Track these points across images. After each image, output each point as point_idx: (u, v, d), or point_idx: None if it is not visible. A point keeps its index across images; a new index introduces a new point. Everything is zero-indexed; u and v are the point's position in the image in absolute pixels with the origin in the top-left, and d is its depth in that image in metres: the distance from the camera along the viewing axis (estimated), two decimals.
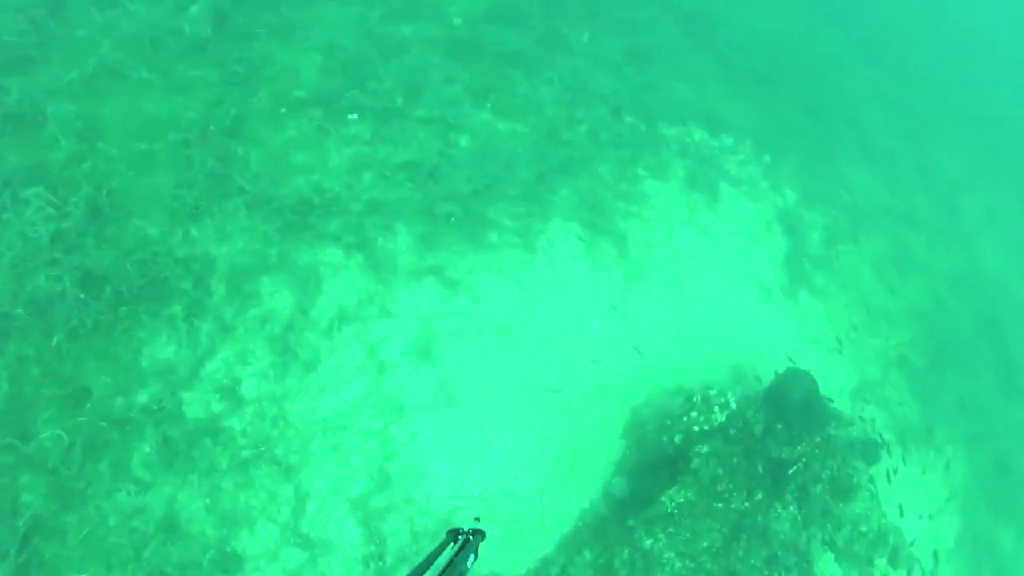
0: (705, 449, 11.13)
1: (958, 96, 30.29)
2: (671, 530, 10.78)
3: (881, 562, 12.64)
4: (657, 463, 11.93)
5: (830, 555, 12.14)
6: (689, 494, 10.86)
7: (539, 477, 11.25)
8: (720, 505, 10.90)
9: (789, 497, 11.78)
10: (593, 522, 11.64)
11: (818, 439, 12.51)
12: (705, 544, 10.91)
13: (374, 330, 10.80)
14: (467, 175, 12.58)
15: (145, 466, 9.28)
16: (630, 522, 11.11)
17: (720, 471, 11.03)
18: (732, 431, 11.77)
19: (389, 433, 10.59)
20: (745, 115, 19.11)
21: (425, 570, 3.00)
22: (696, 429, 11.60)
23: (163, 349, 9.82)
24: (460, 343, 11.44)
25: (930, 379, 17.85)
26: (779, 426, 12.25)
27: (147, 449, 9.31)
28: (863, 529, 12.48)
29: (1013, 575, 17.82)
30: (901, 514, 13.39)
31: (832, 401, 12.88)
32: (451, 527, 3.62)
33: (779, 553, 11.46)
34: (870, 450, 13.06)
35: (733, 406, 11.53)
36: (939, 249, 21.06)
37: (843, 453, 12.60)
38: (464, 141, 13.14)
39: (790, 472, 12.06)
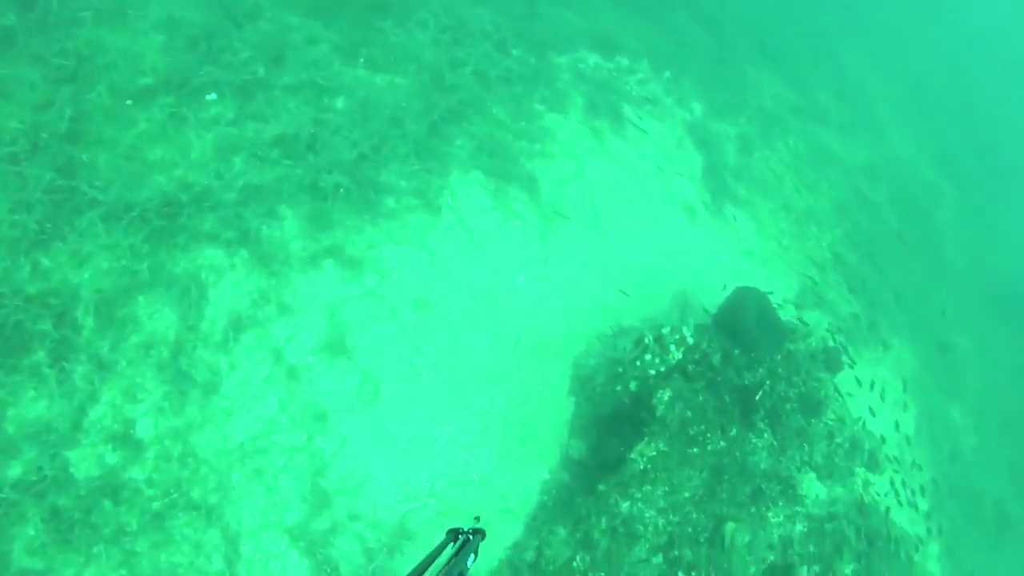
0: (668, 394, 10.52)
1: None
2: (648, 488, 10.17)
3: (861, 470, 12.53)
4: (616, 417, 11.29)
5: (812, 475, 11.91)
6: (660, 445, 10.24)
7: (490, 457, 10.50)
8: (696, 450, 10.36)
9: (761, 425, 11.40)
10: (559, 494, 10.93)
11: (778, 357, 12.20)
12: (687, 495, 10.39)
13: (276, 332, 9.55)
14: (349, 140, 11.26)
15: (32, 552, 7.77)
16: (600, 487, 10.43)
17: (689, 413, 10.46)
18: (691, 367, 11.22)
19: (315, 445, 9.43)
20: (637, 34, 18.45)
21: (425, 570, 2.97)
22: (652, 372, 10.95)
23: (31, 407, 8.22)
24: (375, 328, 10.31)
25: (865, 273, 18.13)
26: (736, 351, 11.81)
27: (31, 531, 7.79)
28: (838, 441, 12.34)
29: (965, 447, 18.39)
30: (873, 415, 13.34)
31: (780, 309, 12.52)
32: (450, 527, 3.64)
33: (763, 485, 11.10)
34: (831, 359, 12.88)
35: (690, 340, 10.93)
36: (851, 143, 21.27)
37: (806, 367, 12.34)
38: (340, 103, 11.76)
39: (757, 397, 11.66)
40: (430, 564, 3.06)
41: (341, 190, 10.66)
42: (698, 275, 14.55)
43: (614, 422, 11.27)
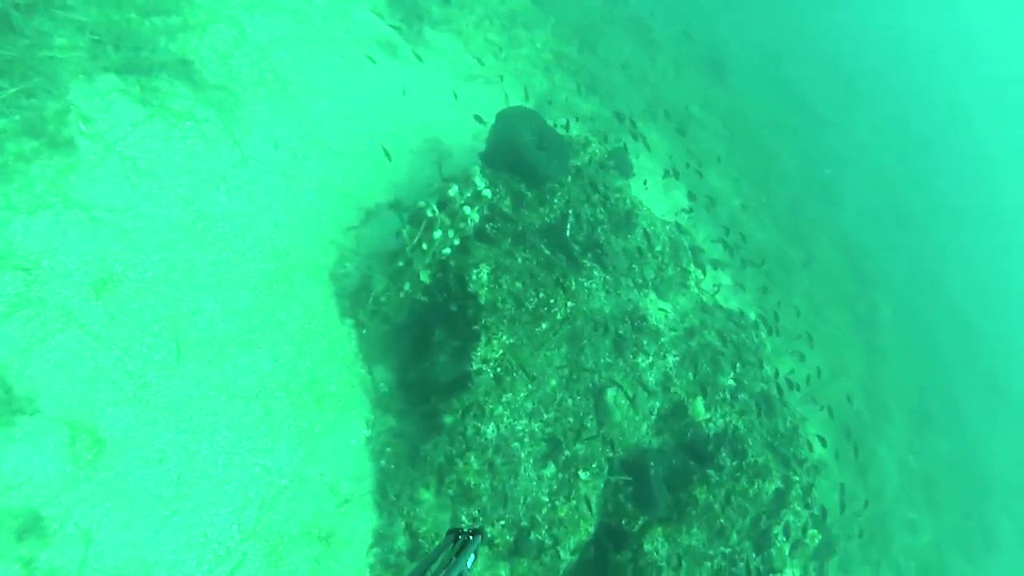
0: (484, 271, 8.78)
1: None
2: (508, 396, 8.61)
3: (692, 269, 12.18)
4: (420, 322, 9.47)
5: (652, 295, 11.22)
6: (504, 338, 8.62)
7: (289, 447, 8.63)
8: (545, 325, 8.91)
9: (587, 263, 10.30)
10: (396, 448, 9.16)
11: (569, 178, 10.99)
12: (553, 382, 8.99)
13: None
14: None
15: None
16: (447, 418, 8.58)
17: (519, 284, 8.93)
18: (488, 228, 9.53)
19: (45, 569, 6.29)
20: None
21: (424, 571, 3.16)
22: (448, 252, 9.07)
23: None
24: (53, 348, 7.06)
25: (587, 62, 17.69)
26: (523, 187, 10.39)
27: None
28: (659, 249, 11.75)
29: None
30: (691, 205, 12.97)
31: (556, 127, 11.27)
32: (450, 528, 3.73)
33: (618, 330, 10.10)
34: (621, 162, 12.10)
35: (487, 193, 9.16)
36: None
37: (601, 180, 11.31)
38: None
39: (568, 233, 10.44)
40: (430, 565, 3.22)
41: None
42: (432, 116, 12.77)
43: (421, 328, 9.51)
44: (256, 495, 7.92)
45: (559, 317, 9.12)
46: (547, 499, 9.04)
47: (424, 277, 9.41)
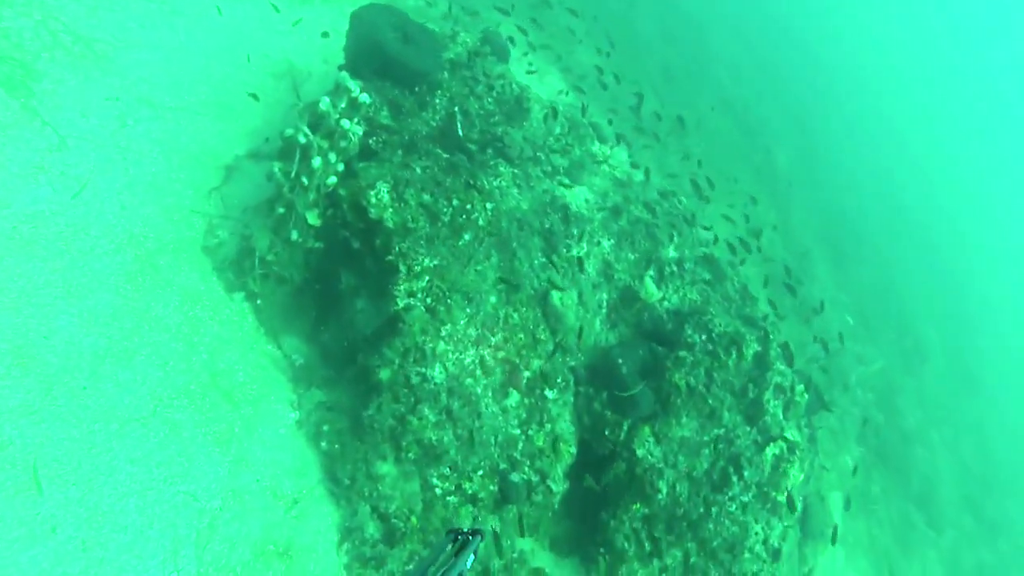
0: (384, 189, 7.44)
1: None
2: (447, 327, 7.38)
3: (598, 146, 11.24)
4: (320, 273, 8.30)
5: (565, 179, 10.09)
6: (424, 261, 7.31)
7: (216, 456, 7.38)
8: (468, 236, 7.73)
9: (491, 160, 9.06)
10: (333, 425, 8.08)
11: (445, 74, 9.65)
12: (492, 300, 7.92)
13: None
14: None
15: None
16: (382, 373, 7.32)
17: (426, 196, 7.65)
18: (372, 143, 8.13)
19: None
20: None
21: (424, 571, 3.20)
22: (332, 181, 7.65)
23: None
24: None
25: None
26: (399, 93, 8.99)
27: None
28: (559, 132, 10.71)
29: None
30: (567, 87, 11.84)
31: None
32: (450, 528, 3.75)
33: (544, 225, 9.02)
34: (497, 46, 10.78)
35: (365, 98, 7.70)
36: None
37: (481, 68, 10.06)
38: None
39: (460, 132, 9.16)
40: (430, 565, 3.25)
41: None
42: (271, 46, 11.08)
43: (324, 279, 8.39)
44: (188, 530, 6.46)
45: (481, 223, 7.86)
46: (519, 431, 7.95)
47: (312, 219, 7.92)
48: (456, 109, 9.61)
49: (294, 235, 8.00)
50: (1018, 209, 42.87)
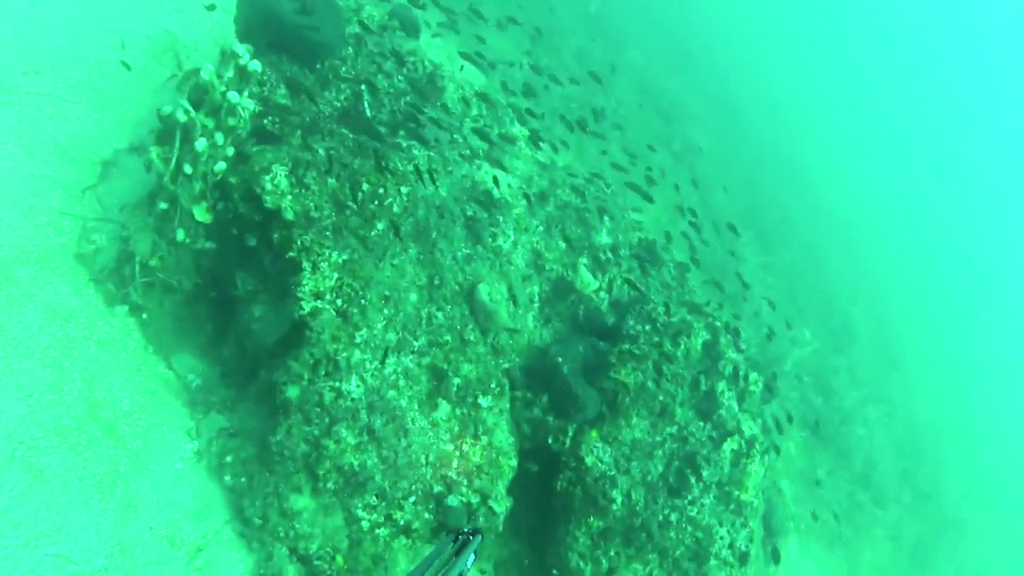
0: (281, 173, 6.43)
1: None
2: (362, 332, 6.50)
3: (518, 128, 10.41)
4: (213, 277, 7.39)
5: (484, 164, 9.26)
6: (334, 256, 6.35)
7: (85, 507, 5.92)
8: (381, 225, 6.76)
9: (403, 141, 8.17)
10: (239, 454, 7.06)
11: (350, 49, 8.71)
12: (413, 298, 6.95)
13: None
14: None
15: None
16: (292, 392, 6.38)
17: (332, 181, 6.63)
18: (268, 123, 7.10)
19: None
20: None
21: (425, 571, 3.18)
22: (220, 168, 6.60)
23: None
24: None
25: None
26: (297, 70, 7.98)
27: None
28: (476, 112, 9.80)
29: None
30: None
31: None
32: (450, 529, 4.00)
33: (466, 212, 8.13)
34: (406, 20, 9.85)
35: (257, 67, 6.71)
36: None
37: (390, 43, 9.18)
38: None
39: (369, 113, 8.24)
40: (430, 565, 3.24)
41: None
42: (145, 19, 9.86)
43: (217, 283, 7.36)
44: None
45: (396, 210, 6.91)
46: (452, 447, 7.03)
47: (200, 214, 6.80)
48: (363, 87, 8.63)
49: (180, 235, 6.85)
50: (913, 188, 44.36)
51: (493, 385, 7.54)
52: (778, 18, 42.26)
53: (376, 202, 6.82)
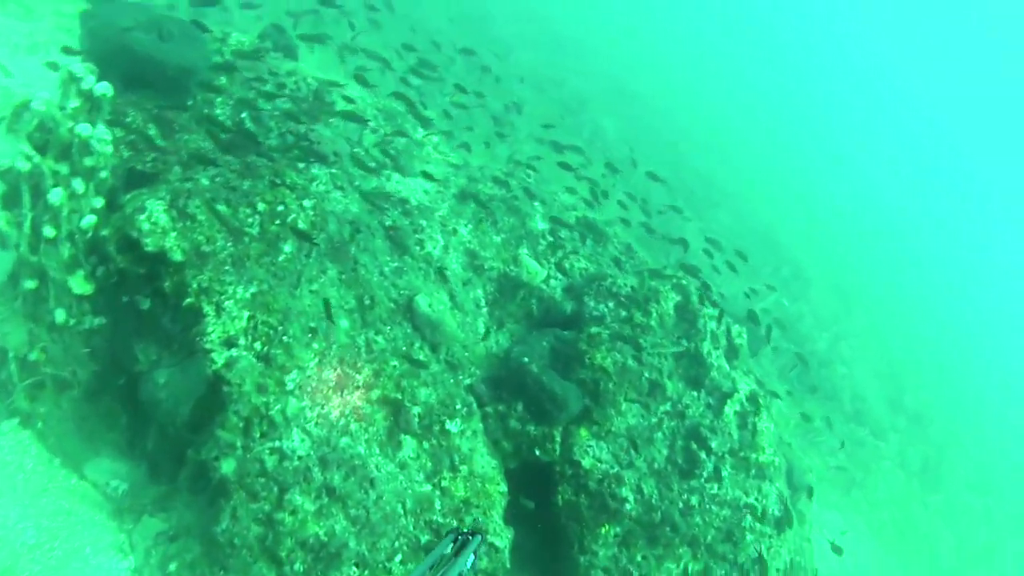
0: (158, 208, 5.45)
1: None
2: (284, 377, 5.50)
3: (422, 134, 9.65)
4: (112, 357, 6.27)
5: (395, 175, 8.47)
6: (239, 291, 5.44)
7: None
8: (289, 246, 5.75)
9: (299, 162, 7.20)
10: (184, 558, 6.09)
11: (223, 79, 8.05)
12: (344, 324, 6.02)
13: None
14: None
15: None
16: (227, 467, 5.35)
17: (221, 206, 5.65)
18: (142, 166, 6.10)
19: None
20: None
21: (425, 571, 3.15)
22: (92, 221, 5.56)
23: None
24: None
25: None
26: (164, 105, 7.04)
27: None
28: (375, 124, 9.01)
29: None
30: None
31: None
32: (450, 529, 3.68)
33: (384, 223, 7.22)
34: (277, 42, 9.20)
35: (107, 90, 5.67)
36: None
37: (266, 67, 8.46)
38: None
39: (256, 139, 7.31)
40: (430, 565, 3.19)
41: None
42: None
43: (117, 362, 6.36)
44: None
45: (303, 226, 5.97)
46: (430, 486, 6.10)
47: (78, 285, 5.72)
48: (245, 115, 7.70)
49: (60, 316, 5.75)
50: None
51: (458, 406, 6.62)
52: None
53: (277, 222, 5.86)
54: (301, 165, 7.42)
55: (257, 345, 5.47)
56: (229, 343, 5.36)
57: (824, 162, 40.21)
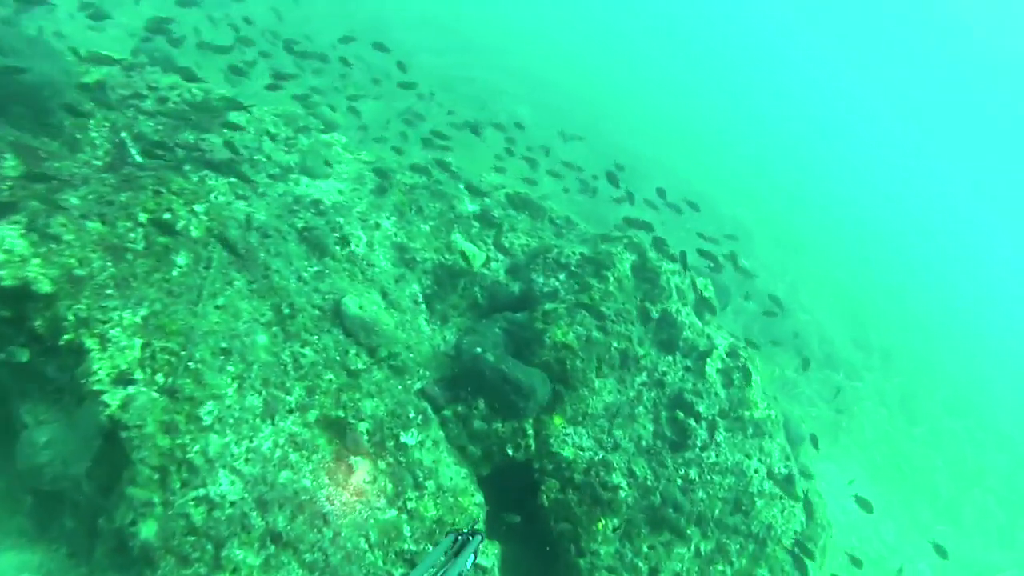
0: (12, 235, 4.49)
1: None
2: (196, 410, 4.64)
3: (325, 134, 8.82)
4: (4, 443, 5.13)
5: (303, 178, 7.61)
6: (126, 316, 4.54)
7: None
8: (183, 258, 4.92)
9: (192, 174, 6.30)
10: None
11: (89, 103, 6.84)
12: (263, 340, 5.18)
13: None
14: None
15: None
16: (146, 530, 4.46)
17: (94, 224, 4.74)
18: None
19: None
20: None
21: (425, 571, 3.25)
22: None
23: None
24: None
25: None
26: (26, 134, 6.04)
27: None
28: (274, 130, 8.18)
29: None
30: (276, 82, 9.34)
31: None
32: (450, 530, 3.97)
33: (297, 225, 6.40)
34: (153, 57, 8.16)
35: None
36: None
37: (138, 80, 7.46)
38: None
39: (139, 159, 6.42)
40: (430, 565, 3.28)
41: None
42: None
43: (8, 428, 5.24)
44: None
45: (197, 234, 5.12)
46: (395, 512, 5.32)
47: None
48: (124, 136, 6.77)
49: None
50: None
51: (412, 414, 5.83)
52: None
53: (165, 232, 4.98)
54: (195, 177, 6.55)
55: (159, 377, 4.56)
56: (123, 379, 4.44)
57: (745, 123, 40.60)
